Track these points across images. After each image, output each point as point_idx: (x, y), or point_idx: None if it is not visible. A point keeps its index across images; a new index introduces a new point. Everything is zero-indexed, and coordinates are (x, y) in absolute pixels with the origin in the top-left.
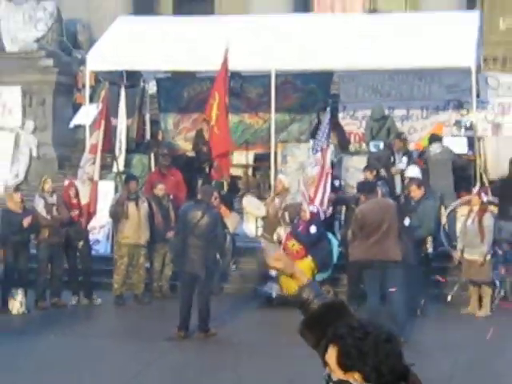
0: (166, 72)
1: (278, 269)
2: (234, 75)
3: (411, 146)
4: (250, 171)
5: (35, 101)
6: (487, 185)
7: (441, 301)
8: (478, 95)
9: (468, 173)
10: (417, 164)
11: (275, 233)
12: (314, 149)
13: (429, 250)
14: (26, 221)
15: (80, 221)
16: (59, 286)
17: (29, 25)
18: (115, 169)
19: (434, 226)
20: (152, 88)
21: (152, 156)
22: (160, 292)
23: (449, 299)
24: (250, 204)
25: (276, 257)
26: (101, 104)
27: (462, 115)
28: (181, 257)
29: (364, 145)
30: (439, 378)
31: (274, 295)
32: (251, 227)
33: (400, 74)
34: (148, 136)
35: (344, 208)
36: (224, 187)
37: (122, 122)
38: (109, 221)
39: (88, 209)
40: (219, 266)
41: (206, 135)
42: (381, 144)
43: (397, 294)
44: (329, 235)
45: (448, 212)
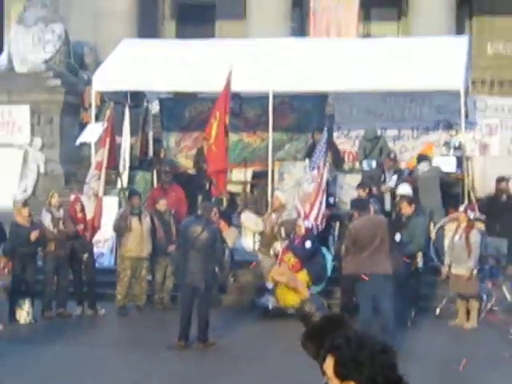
0: (169, 92)
1: (282, 283)
2: (234, 96)
3: (402, 165)
4: (248, 188)
5: (43, 119)
6: (475, 202)
7: (430, 313)
8: (467, 116)
9: (456, 191)
10: (407, 182)
11: (272, 247)
12: (311, 166)
13: (419, 265)
14: (34, 234)
15: (85, 234)
16: (65, 297)
17: (38, 47)
18: (119, 185)
19: (424, 242)
20: (155, 108)
21: (154, 173)
22: (161, 303)
23: (438, 312)
24: (248, 219)
25: (280, 271)
26: (106, 123)
27: (451, 135)
28: (181, 270)
29: (357, 163)
30: None
31: (271, 307)
32: (249, 242)
33: (392, 96)
34: (151, 154)
35: (338, 224)
36: (223, 203)
37: (126, 140)
38: (113, 235)
39: (93, 223)
40: (218, 279)
41: None
42: (373, 163)
43: (388, 307)
44: (323, 250)
45: (437, 228)
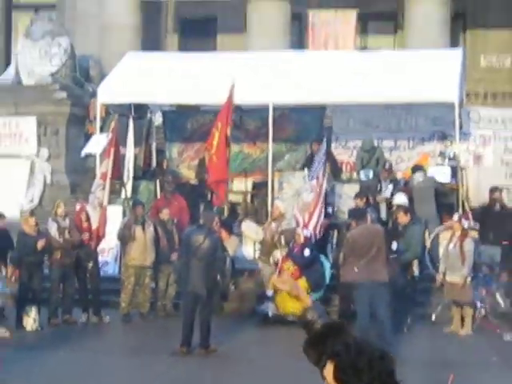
0: (172, 105)
1: (285, 290)
2: (235, 108)
3: (399, 175)
4: (249, 198)
5: (49, 131)
6: (469, 211)
7: (426, 320)
8: (461, 128)
9: (451, 200)
10: (403, 192)
11: (272, 255)
12: (310, 176)
13: (415, 273)
14: (40, 243)
15: (90, 243)
16: (70, 304)
17: (44, 60)
18: (123, 195)
19: (420, 250)
20: (158, 119)
21: (157, 183)
22: (164, 310)
23: (433, 318)
24: (249, 228)
25: (282, 280)
26: (110, 134)
27: (446, 146)
28: (184, 277)
29: (355, 173)
30: None
31: (271, 314)
32: (249, 250)
33: (389, 108)
34: (154, 164)
35: (336, 232)
36: (224, 213)
37: (130, 151)
38: (117, 243)
39: (98, 232)
40: (219, 287)
41: None
42: (370, 173)
43: (384, 313)
44: (321, 258)
45: (432, 237)
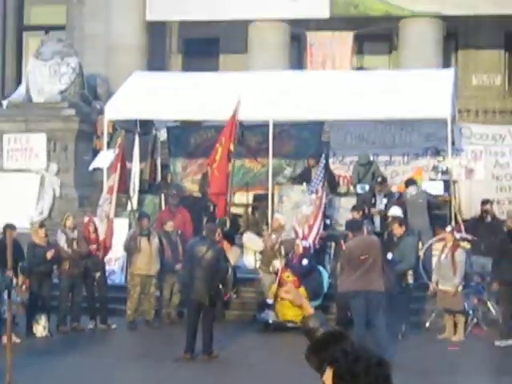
0: (176, 121)
1: (288, 300)
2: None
3: (393, 189)
4: (250, 210)
5: (59, 146)
6: (461, 223)
7: (420, 327)
8: (453, 143)
9: (444, 212)
10: (397, 205)
11: (271, 265)
12: (310, 190)
13: (409, 282)
14: (50, 253)
15: (98, 254)
16: (78, 312)
17: (54, 78)
18: (129, 207)
19: (414, 260)
20: (163, 135)
21: (162, 196)
22: (168, 318)
23: (427, 325)
24: (250, 239)
25: (286, 290)
26: (117, 149)
27: (439, 161)
28: (187, 286)
29: (352, 187)
30: None
31: (271, 321)
32: (250, 260)
33: (384, 124)
34: (159, 178)
35: (333, 243)
36: (227, 224)
37: (136, 166)
38: (123, 254)
39: (105, 243)
40: (222, 295)
41: None
42: (366, 186)
43: (380, 321)
44: (320, 268)
45: (425, 248)
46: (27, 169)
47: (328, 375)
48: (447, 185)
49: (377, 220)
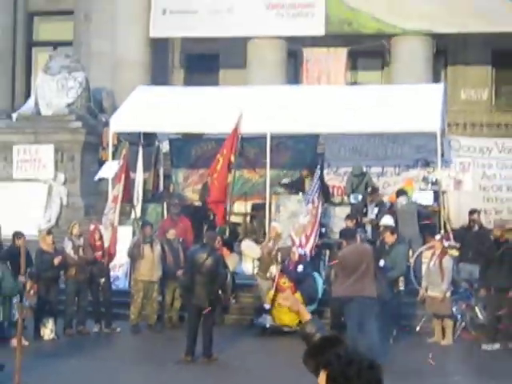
0: (178, 133)
1: (286, 306)
2: None
3: (385, 199)
4: (248, 219)
5: (66, 157)
6: (450, 232)
7: (410, 331)
8: (443, 155)
9: (433, 221)
10: (390, 214)
11: (268, 271)
12: (306, 200)
13: (400, 288)
14: (57, 260)
15: (103, 260)
16: (84, 316)
17: (61, 92)
18: (133, 216)
19: (405, 267)
20: (165, 147)
21: (165, 205)
22: (170, 322)
23: (417, 330)
24: (248, 247)
25: (285, 297)
26: (122, 160)
27: (429, 172)
28: (188, 292)
29: (346, 197)
30: None
31: (268, 325)
32: (248, 266)
33: (376, 137)
34: (161, 188)
35: (328, 251)
36: (226, 232)
37: (140, 176)
38: (127, 260)
39: (109, 250)
40: (221, 300)
41: None
42: (359, 196)
43: (372, 326)
44: (315, 274)
45: (415, 255)
46: (36, 178)
47: (322, 378)
48: (437, 195)
49: (368, 229)
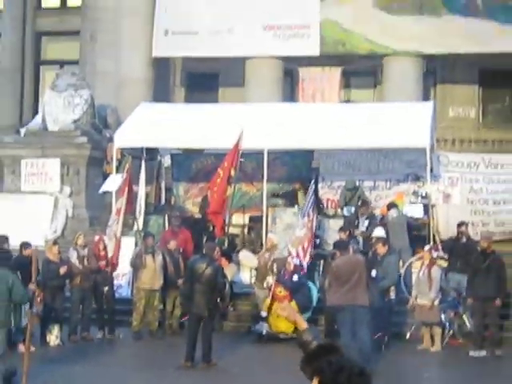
0: (179, 149)
1: (284, 316)
2: None
3: (377, 212)
4: (246, 230)
5: (72, 171)
6: (439, 243)
7: (401, 338)
8: (432, 170)
9: (423, 233)
10: (382, 226)
11: (265, 281)
12: (302, 214)
13: (392, 297)
14: (62, 269)
15: (106, 269)
16: (88, 323)
17: (68, 109)
18: (136, 227)
19: (397, 277)
20: (167, 161)
21: (166, 217)
22: (171, 329)
23: (407, 337)
24: (246, 257)
25: (282, 307)
26: (125, 174)
27: (419, 186)
28: (188, 300)
29: (339, 210)
30: None
31: (264, 332)
32: (246, 276)
33: (369, 153)
34: (163, 201)
35: (322, 261)
36: (225, 243)
37: (142, 189)
38: (130, 270)
39: (113, 260)
40: (220, 308)
41: None
42: (352, 209)
43: (365, 333)
44: (309, 283)
45: (406, 266)
46: (42, 191)
47: None
48: (426, 208)
49: (360, 240)
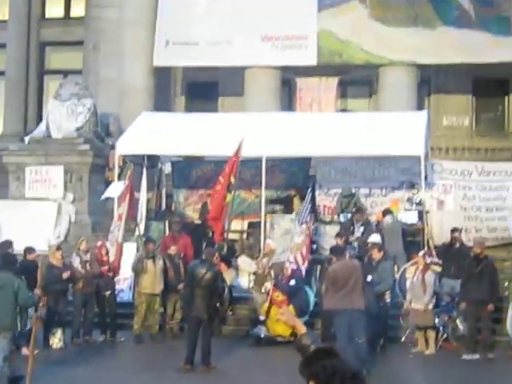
0: (179, 156)
1: (283, 321)
2: None
3: (373, 218)
4: (245, 236)
5: (75, 177)
6: (433, 249)
7: (396, 341)
8: (426, 178)
9: (417, 239)
10: (377, 232)
11: (263, 286)
12: (300, 221)
13: (387, 301)
14: (66, 274)
15: (108, 274)
16: (90, 326)
17: (71, 117)
18: (137, 233)
19: (392, 282)
20: (168, 169)
21: (166, 223)
22: (171, 332)
23: (403, 340)
24: (244, 262)
25: (282, 312)
26: (127, 181)
27: (413, 193)
28: (188, 304)
29: (335, 216)
30: None
31: (263, 336)
32: (245, 281)
33: (364, 160)
34: (164, 207)
35: (319, 266)
36: (224, 249)
37: (143, 196)
38: (131, 274)
39: (115, 264)
40: (219, 312)
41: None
42: (348, 216)
43: (361, 336)
44: (306, 288)
45: (401, 271)
46: (46, 197)
47: None
48: (420, 215)
49: (356, 246)
